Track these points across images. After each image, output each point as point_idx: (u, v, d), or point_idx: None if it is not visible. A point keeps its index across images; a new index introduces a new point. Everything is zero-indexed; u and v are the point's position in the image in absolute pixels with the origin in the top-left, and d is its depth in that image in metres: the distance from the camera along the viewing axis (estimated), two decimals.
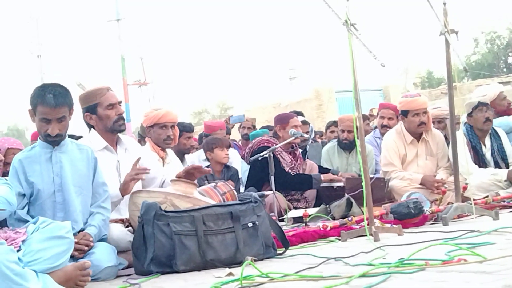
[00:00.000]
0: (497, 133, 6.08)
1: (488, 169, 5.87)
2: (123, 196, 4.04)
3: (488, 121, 5.97)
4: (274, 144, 6.06)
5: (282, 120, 6.33)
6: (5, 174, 4.52)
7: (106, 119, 4.19)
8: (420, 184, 5.76)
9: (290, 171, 6.12)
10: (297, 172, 6.18)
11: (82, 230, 3.53)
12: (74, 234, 3.33)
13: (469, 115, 6.06)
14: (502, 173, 5.74)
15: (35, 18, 33.91)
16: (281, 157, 6.09)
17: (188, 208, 3.50)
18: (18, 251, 2.91)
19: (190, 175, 4.06)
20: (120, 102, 4.30)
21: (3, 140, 5.14)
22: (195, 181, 4.08)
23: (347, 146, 6.87)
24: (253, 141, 6.60)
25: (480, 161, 5.98)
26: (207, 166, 6.25)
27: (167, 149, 5.31)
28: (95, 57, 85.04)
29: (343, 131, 6.90)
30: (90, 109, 4.22)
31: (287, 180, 6.01)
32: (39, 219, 3.15)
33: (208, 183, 4.52)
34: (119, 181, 4.15)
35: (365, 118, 7.93)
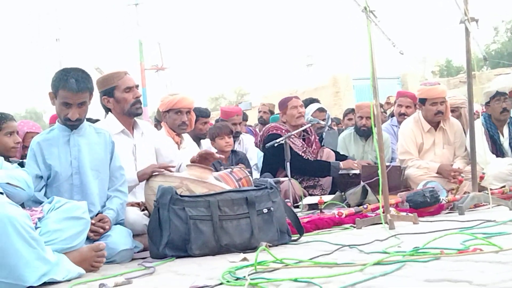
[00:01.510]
0: None
1: (505, 158, 5.82)
2: (140, 181, 4.06)
3: (506, 111, 5.91)
4: (283, 130, 6.06)
5: (282, 105, 6.34)
6: (23, 157, 4.57)
7: (123, 102, 4.21)
8: (437, 173, 5.73)
9: (303, 155, 6.11)
10: (310, 157, 6.17)
11: (99, 213, 3.56)
12: (91, 217, 3.36)
13: (487, 104, 6.01)
14: None
15: (54, 2, 34.07)
16: (292, 142, 6.06)
17: (204, 193, 3.51)
18: (36, 229, 2.94)
19: (204, 160, 4.07)
20: (137, 86, 4.32)
21: (22, 124, 5.19)
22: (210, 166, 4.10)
23: (365, 133, 6.84)
24: (264, 128, 6.61)
25: (497, 150, 5.94)
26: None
27: (183, 134, 5.33)
28: (113, 41, 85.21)
29: (361, 117, 6.88)
30: (108, 92, 4.24)
31: (306, 166, 6.00)
32: (54, 198, 3.17)
33: (224, 168, 4.53)
34: (135, 165, 4.17)
35: (380, 106, 7.88)
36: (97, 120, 4.51)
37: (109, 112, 4.29)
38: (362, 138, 6.97)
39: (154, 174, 3.90)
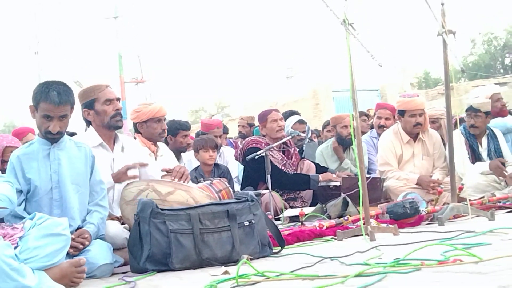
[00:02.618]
0: (494, 133, 6.10)
1: (476, 163, 5.91)
2: (115, 182, 4.05)
3: (473, 127, 6.01)
4: (262, 144, 6.07)
5: (261, 118, 6.36)
6: (3, 171, 4.52)
7: (103, 114, 4.20)
8: (416, 184, 5.77)
9: (283, 168, 6.13)
10: (289, 170, 6.19)
11: (79, 227, 3.53)
12: (71, 232, 3.33)
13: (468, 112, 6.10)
14: (483, 165, 5.79)
15: (33, 15, 33.93)
16: (272, 155, 6.07)
17: (185, 206, 3.50)
18: (15, 247, 2.91)
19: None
20: (118, 99, 4.31)
21: (1, 138, 5.13)
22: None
23: (349, 142, 6.84)
24: (243, 142, 6.61)
25: (476, 159, 6.01)
26: (196, 168, 6.28)
27: (158, 143, 5.35)
28: (92, 54, 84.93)
29: (346, 126, 6.91)
30: (88, 105, 4.23)
31: (285, 179, 6.01)
32: (36, 215, 3.15)
33: (204, 180, 4.53)
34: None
35: (362, 114, 7.94)
36: (73, 133, 4.48)
37: (90, 125, 4.28)
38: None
39: (127, 183, 3.89)
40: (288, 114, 7.91)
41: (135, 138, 5.42)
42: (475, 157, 6.02)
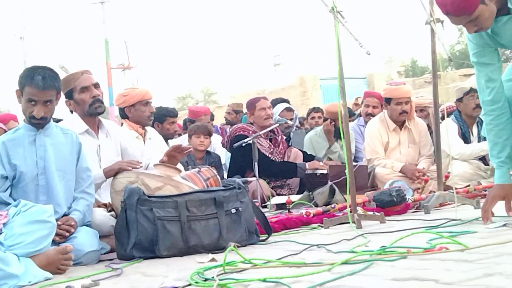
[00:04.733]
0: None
1: (475, 143, 5.94)
2: (106, 178, 4.02)
3: (478, 107, 5.98)
4: (250, 131, 6.06)
5: (250, 105, 6.35)
6: None
7: (81, 103, 4.17)
8: (400, 172, 5.78)
9: (270, 156, 6.13)
10: (277, 158, 6.19)
11: (65, 214, 3.51)
12: (57, 219, 3.32)
13: (459, 100, 6.08)
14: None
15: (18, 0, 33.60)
16: (259, 143, 6.06)
17: (172, 193, 3.50)
18: None
19: (172, 159, 4.05)
20: (95, 84, 4.22)
21: None
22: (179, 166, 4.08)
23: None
24: (231, 129, 6.62)
25: None
26: (188, 154, 6.27)
27: (146, 127, 5.36)
28: (79, 40, 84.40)
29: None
30: (68, 95, 4.21)
31: (272, 167, 6.01)
32: (21, 202, 3.14)
33: (192, 168, 4.52)
34: (99, 165, 4.12)
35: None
36: (60, 120, 4.44)
37: (74, 112, 4.25)
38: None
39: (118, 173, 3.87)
40: (277, 102, 7.91)
41: (122, 124, 5.40)
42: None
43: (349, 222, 3.87)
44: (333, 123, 6.80)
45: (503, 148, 3.50)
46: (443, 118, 5.33)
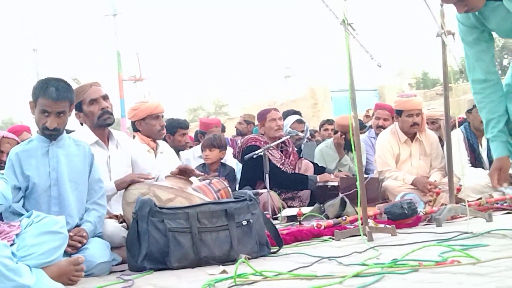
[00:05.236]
0: None
1: (482, 170, 5.87)
2: (118, 190, 4.03)
3: None
4: (261, 142, 6.07)
5: (261, 117, 6.37)
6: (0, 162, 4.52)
7: (90, 115, 4.20)
8: (412, 185, 5.77)
9: (281, 167, 6.13)
10: (288, 169, 6.19)
11: (77, 225, 3.53)
12: (69, 230, 3.33)
13: (468, 111, 6.06)
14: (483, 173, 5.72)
15: (31, 12, 33.86)
16: (271, 154, 6.07)
17: (183, 205, 3.50)
18: (12, 245, 2.92)
19: (183, 173, 4.05)
20: (104, 96, 4.24)
21: None
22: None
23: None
24: (242, 140, 6.62)
25: (476, 159, 6.00)
26: (203, 165, 6.28)
27: (158, 141, 5.34)
28: (91, 52, 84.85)
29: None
30: (77, 107, 4.22)
31: (283, 178, 6.02)
32: (33, 213, 3.15)
33: (204, 180, 4.52)
34: (109, 176, 4.14)
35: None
36: (71, 131, 4.47)
37: (84, 124, 4.28)
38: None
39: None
40: (289, 114, 7.93)
41: (134, 137, 5.41)
42: (475, 156, 6.02)
43: (360, 235, 3.86)
44: (343, 136, 6.79)
45: (497, 124, 3.53)
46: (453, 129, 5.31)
